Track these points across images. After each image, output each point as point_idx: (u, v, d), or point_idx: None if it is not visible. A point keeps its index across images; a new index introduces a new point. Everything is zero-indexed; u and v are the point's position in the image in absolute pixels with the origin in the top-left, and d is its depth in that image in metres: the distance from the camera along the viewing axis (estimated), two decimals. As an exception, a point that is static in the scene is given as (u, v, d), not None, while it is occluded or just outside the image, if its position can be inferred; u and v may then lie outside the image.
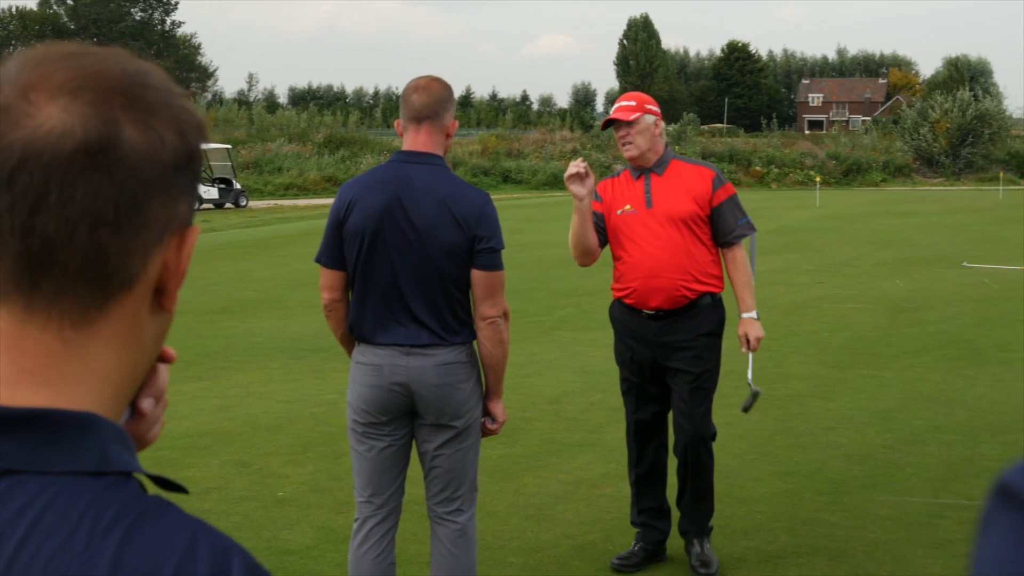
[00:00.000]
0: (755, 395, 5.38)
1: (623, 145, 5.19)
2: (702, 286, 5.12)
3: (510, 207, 32.94)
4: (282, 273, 17.17)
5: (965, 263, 17.80)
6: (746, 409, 5.45)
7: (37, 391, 0.92)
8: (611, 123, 5.22)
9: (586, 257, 5.27)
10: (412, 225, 3.98)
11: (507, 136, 55.98)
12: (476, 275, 4.02)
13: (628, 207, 5.17)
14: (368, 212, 4.00)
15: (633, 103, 5.20)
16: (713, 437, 5.23)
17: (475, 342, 4.18)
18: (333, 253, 4.11)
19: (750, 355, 5.39)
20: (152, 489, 0.97)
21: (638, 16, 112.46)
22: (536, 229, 24.19)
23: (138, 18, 78.03)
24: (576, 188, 4.89)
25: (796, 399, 8.67)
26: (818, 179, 41.28)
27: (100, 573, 0.84)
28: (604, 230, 5.25)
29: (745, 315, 5.21)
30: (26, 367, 0.93)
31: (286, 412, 8.33)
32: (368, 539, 4.17)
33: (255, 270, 17.58)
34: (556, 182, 45.58)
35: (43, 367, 0.93)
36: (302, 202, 37.96)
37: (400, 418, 4.11)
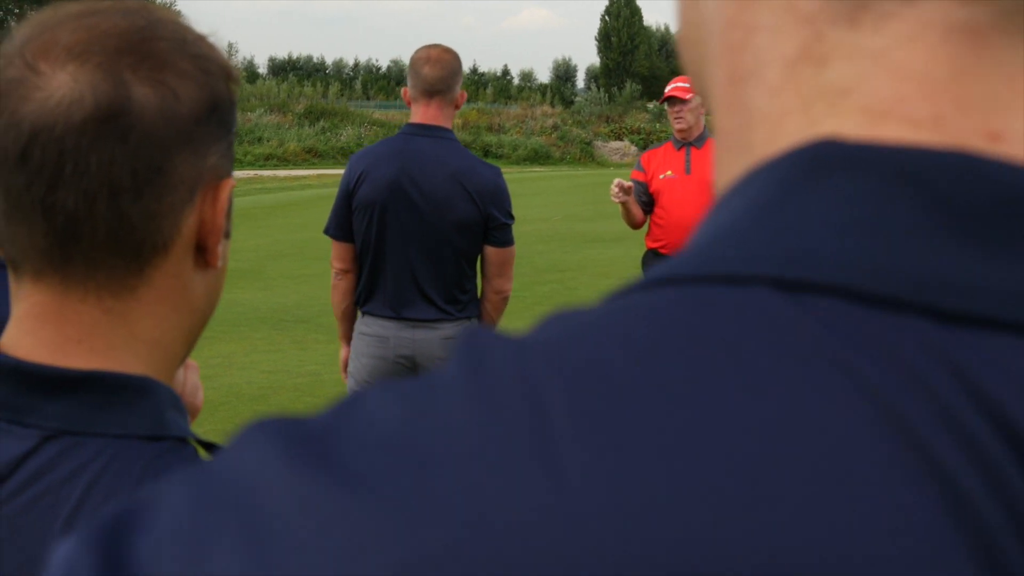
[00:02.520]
0: None
1: (675, 119, 6.18)
2: None
3: (491, 182, 32.79)
4: (263, 244, 17.09)
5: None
6: None
7: (86, 358, 0.91)
8: (668, 99, 6.20)
9: (635, 227, 6.37)
10: (425, 198, 3.99)
11: (488, 110, 55.72)
12: (491, 251, 4.12)
13: (669, 172, 6.16)
14: (379, 184, 4.00)
15: (688, 85, 6.00)
16: None
17: (478, 317, 4.22)
18: (342, 225, 4.11)
19: None
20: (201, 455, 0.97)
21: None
22: (517, 204, 23.89)
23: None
24: (620, 199, 6.01)
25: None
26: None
27: None
28: (646, 197, 6.26)
29: None
30: (72, 336, 0.92)
31: (269, 383, 8.32)
32: None
33: (236, 240, 17.10)
34: (537, 157, 45.55)
35: (89, 336, 0.92)
36: (282, 173, 37.74)
37: None
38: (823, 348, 0.33)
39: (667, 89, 6.20)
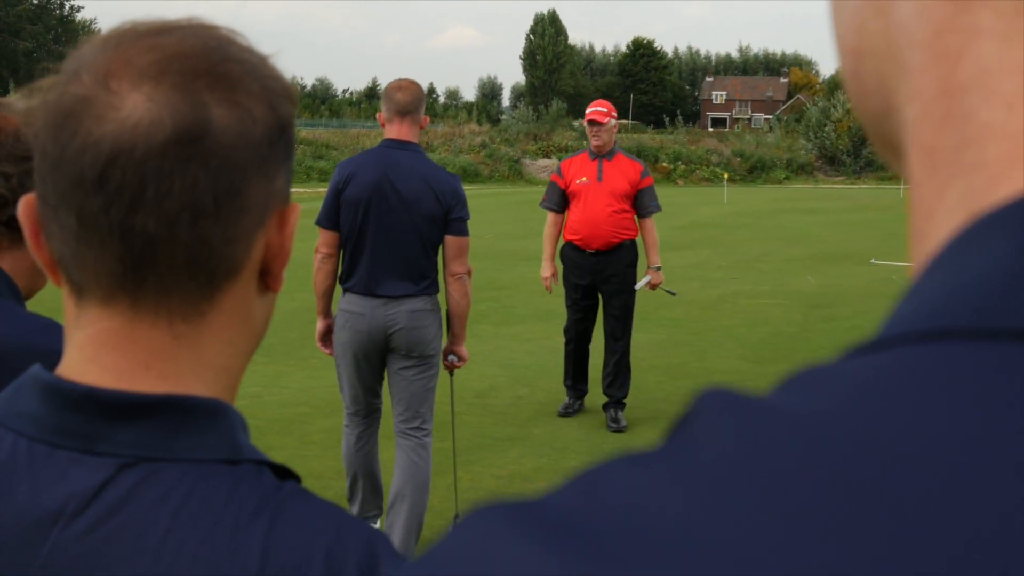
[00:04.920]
0: (646, 283, 7.61)
1: (593, 136, 7.55)
2: (625, 235, 7.51)
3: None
4: (194, 264, 16.88)
5: (873, 260, 18.15)
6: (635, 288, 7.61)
7: (154, 384, 0.89)
8: (589, 121, 7.60)
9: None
10: (400, 197, 4.91)
11: (415, 129, 55.53)
12: (449, 239, 5.01)
13: (584, 179, 7.50)
14: (364, 184, 4.93)
15: (605, 110, 7.62)
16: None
17: (438, 294, 5.10)
18: (331, 217, 5.04)
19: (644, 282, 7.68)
20: None
21: (545, 11, 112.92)
22: (449, 222, 24.02)
23: (36, 2, 76.29)
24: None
25: (720, 393, 8.75)
26: (726, 176, 41.79)
27: (251, 560, 0.83)
28: (562, 199, 7.65)
29: (651, 267, 7.70)
30: (140, 361, 0.89)
31: (209, 406, 8.19)
32: (352, 435, 5.25)
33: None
34: (466, 175, 45.55)
35: (158, 361, 0.89)
36: (208, 192, 37.43)
37: (378, 352, 5.06)
38: None
39: (588, 112, 7.63)
